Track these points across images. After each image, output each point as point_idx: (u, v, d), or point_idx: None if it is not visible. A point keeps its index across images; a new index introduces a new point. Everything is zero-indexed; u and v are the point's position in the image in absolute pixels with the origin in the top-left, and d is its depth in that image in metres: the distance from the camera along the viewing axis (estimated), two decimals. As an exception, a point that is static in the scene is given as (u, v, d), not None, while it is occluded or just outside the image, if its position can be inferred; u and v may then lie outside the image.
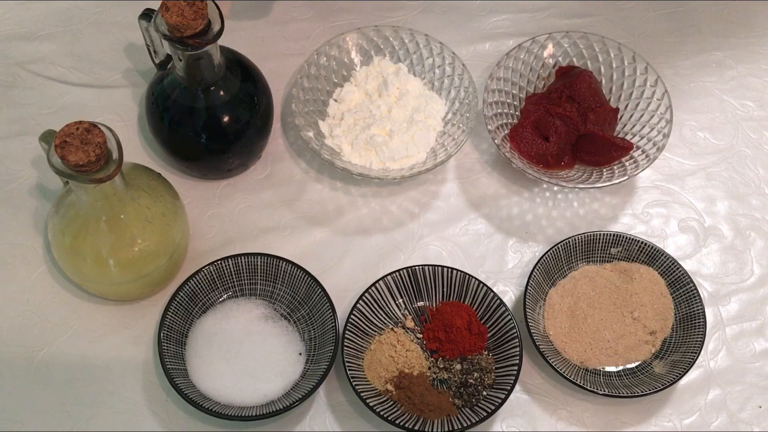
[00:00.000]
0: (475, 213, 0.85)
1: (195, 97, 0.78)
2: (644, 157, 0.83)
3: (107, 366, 0.75)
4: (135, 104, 0.88)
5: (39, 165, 0.84)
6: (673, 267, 0.80)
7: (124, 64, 0.90)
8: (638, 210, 0.86)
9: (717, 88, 0.93)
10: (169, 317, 0.74)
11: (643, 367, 0.77)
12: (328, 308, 0.75)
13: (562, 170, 0.84)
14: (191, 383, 0.73)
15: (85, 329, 0.77)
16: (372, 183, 0.85)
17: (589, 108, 0.84)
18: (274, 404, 0.72)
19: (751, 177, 0.88)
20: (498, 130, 0.84)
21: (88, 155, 0.63)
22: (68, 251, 0.72)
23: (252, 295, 0.78)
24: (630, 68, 0.87)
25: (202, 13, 0.70)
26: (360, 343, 0.76)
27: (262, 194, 0.84)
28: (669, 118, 0.84)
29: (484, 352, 0.76)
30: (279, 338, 0.76)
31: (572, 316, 0.78)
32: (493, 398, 0.73)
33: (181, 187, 0.80)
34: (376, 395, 0.73)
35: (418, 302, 0.79)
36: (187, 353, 0.75)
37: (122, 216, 0.71)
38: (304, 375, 0.74)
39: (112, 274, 0.73)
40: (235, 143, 0.81)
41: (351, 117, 0.85)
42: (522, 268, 0.82)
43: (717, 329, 0.80)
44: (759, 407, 0.77)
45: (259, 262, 0.77)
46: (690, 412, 0.76)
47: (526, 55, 0.88)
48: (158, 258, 0.74)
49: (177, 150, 0.82)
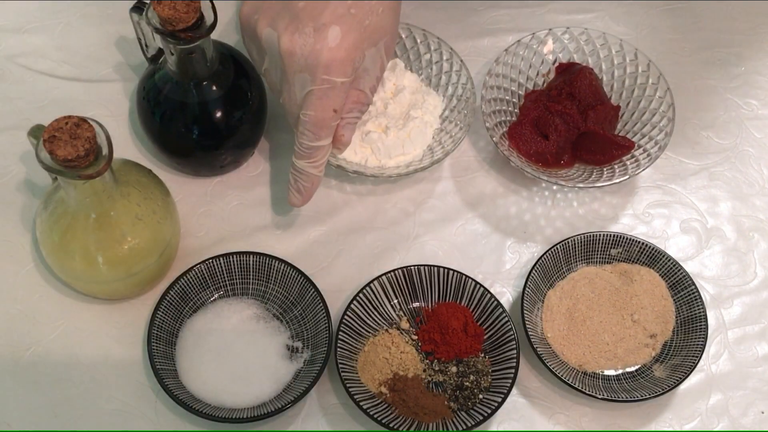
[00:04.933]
0: (472, 212, 0.84)
1: (187, 92, 0.77)
2: (646, 156, 0.82)
3: (95, 366, 0.75)
4: (126, 99, 0.87)
5: (27, 160, 0.83)
6: (675, 269, 0.79)
7: (115, 58, 0.89)
8: (639, 210, 0.85)
9: (721, 86, 0.93)
10: (159, 317, 0.74)
11: (643, 370, 0.76)
12: (322, 309, 0.74)
13: (561, 169, 0.84)
14: (181, 384, 0.72)
15: (73, 328, 0.76)
16: (367, 181, 0.85)
17: (590, 106, 0.84)
18: (266, 406, 0.71)
19: (755, 177, 0.88)
20: (496, 127, 0.84)
21: (77, 150, 0.63)
22: (56, 248, 0.72)
23: (244, 294, 0.77)
24: (632, 65, 0.87)
25: (195, 6, 0.69)
26: (354, 345, 0.75)
27: (254, 192, 0.84)
28: (671, 117, 0.84)
29: (480, 355, 0.76)
30: (271, 339, 0.75)
31: (571, 319, 0.78)
32: (489, 402, 0.73)
33: (172, 183, 0.79)
34: (369, 398, 0.73)
35: (414, 303, 0.78)
36: (177, 353, 0.74)
37: (112, 213, 0.70)
38: (297, 376, 0.74)
39: (101, 272, 0.72)
40: (228, 139, 0.80)
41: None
42: (520, 268, 0.81)
43: (719, 332, 0.79)
44: (761, 413, 0.76)
45: (251, 261, 0.77)
46: (691, 418, 0.75)
47: (526, 51, 0.87)
48: (148, 256, 0.73)
49: (168, 146, 0.81)
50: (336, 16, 0.69)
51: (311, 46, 0.69)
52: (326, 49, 0.69)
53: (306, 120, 0.72)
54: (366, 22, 0.70)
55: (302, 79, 0.71)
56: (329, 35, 0.69)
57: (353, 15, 0.69)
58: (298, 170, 0.75)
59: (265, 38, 0.71)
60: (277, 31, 0.70)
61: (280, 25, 0.70)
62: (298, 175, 0.75)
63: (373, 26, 0.70)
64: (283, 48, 0.70)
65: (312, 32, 0.69)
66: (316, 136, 0.73)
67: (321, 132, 0.73)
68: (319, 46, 0.69)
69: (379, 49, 0.72)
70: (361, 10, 0.69)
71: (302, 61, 0.70)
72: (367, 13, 0.70)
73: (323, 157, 0.75)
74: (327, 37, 0.69)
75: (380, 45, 0.72)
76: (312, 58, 0.69)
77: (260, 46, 0.73)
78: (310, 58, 0.69)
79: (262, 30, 0.71)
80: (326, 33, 0.69)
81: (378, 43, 0.71)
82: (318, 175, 0.75)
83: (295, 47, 0.69)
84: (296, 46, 0.69)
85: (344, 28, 0.69)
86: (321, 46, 0.69)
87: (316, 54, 0.69)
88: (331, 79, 0.70)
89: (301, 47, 0.69)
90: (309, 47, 0.69)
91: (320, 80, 0.70)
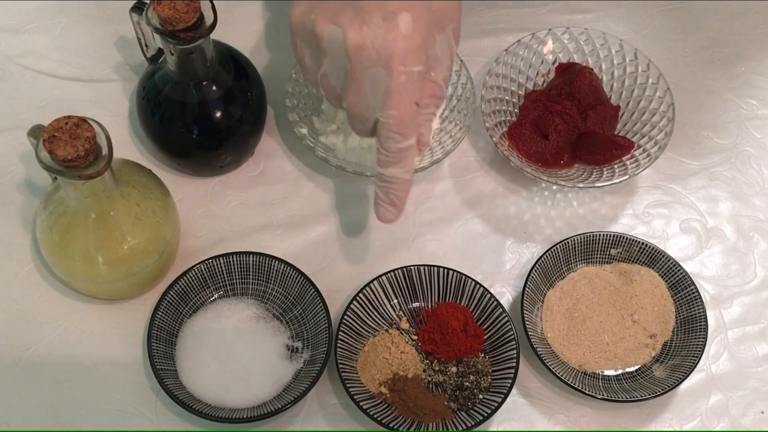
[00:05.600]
0: (472, 212, 0.84)
1: (187, 92, 0.77)
2: (645, 156, 0.82)
3: (95, 366, 0.74)
4: (125, 99, 0.87)
5: (27, 160, 0.83)
6: (675, 269, 0.79)
7: (115, 58, 0.89)
8: (639, 210, 0.85)
9: (721, 86, 0.92)
10: (158, 316, 0.74)
11: (642, 370, 0.76)
12: (322, 309, 0.74)
13: (561, 169, 0.83)
14: (181, 384, 0.72)
15: (73, 328, 0.76)
16: (367, 181, 0.84)
17: (590, 106, 0.83)
18: (265, 406, 0.71)
19: (755, 177, 0.87)
20: (496, 127, 0.83)
21: (77, 150, 0.63)
22: (56, 248, 0.72)
23: (244, 294, 0.77)
24: (632, 65, 0.86)
25: (195, 6, 0.69)
26: (354, 345, 0.75)
27: (254, 192, 0.83)
28: (671, 117, 0.83)
29: (480, 355, 0.76)
30: (271, 339, 0.75)
31: (571, 319, 0.78)
32: (489, 402, 0.72)
33: (172, 183, 0.79)
34: (369, 398, 0.73)
35: (413, 303, 0.78)
36: (176, 353, 0.74)
37: (112, 213, 0.70)
38: (296, 377, 0.73)
39: (101, 272, 0.72)
40: (228, 139, 0.80)
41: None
42: (520, 268, 0.81)
43: (719, 333, 0.79)
44: (761, 413, 0.76)
45: (251, 261, 0.77)
46: (691, 418, 0.75)
47: (526, 51, 0.87)
48: (148, 256, 0.73)
49: (168, 146, 0.81)
50: (403, 1, 0.64)
51: (383, 36, 0.63)
52: (400, 38, 0.63)
53: (389, 122, 0.66)
54: (433, 6, 0.65)
55: (375, 75, 0.65)
56: (401, 23, 0.63)
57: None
58: (388, 180, 0.68)
59: (328, 36, 0.66)
60: (341, 27, 0.64)
61: (343, 20, 0.64)
62: (389, 185, 0.69)
63: (440, 10, 0.66)
64: (352, 43, 0.64)
65: (381, 22, 0.63)
66: (404, 136, 0.67)
67: (408, 130, 0.66)
68: (391, 36, 0.63)
69: (448, 34, 0.67)
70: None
71: (374, 55, 0.64)
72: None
73: (413, 158, 0.68)
74: (398, 25, 0.63)
75: (448, 30, 0.67)
76: (385, 50, 0.63)
77: (319, 48, 0.67)
78: (383, 50, 0.63)
79: (323, 28, 0.65)
80: (396, 21, 0.63)
81: (446, 28, 0.67)
82: (410, 180, 0.69)
83: (366, 40, 0.64)
84: (366, 39, 0.63)
85: (414, 13, 0.64)
86: (394, 35, 0.63)
87: (389, 44, 0.63)
88: (409, 69, 0.64)
89: (372, 39, 0.63)
90: (381, 38, 0.63)
91: (397, 73, 0.64)
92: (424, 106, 0.68)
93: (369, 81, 0.66)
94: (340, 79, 0.68)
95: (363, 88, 0.66)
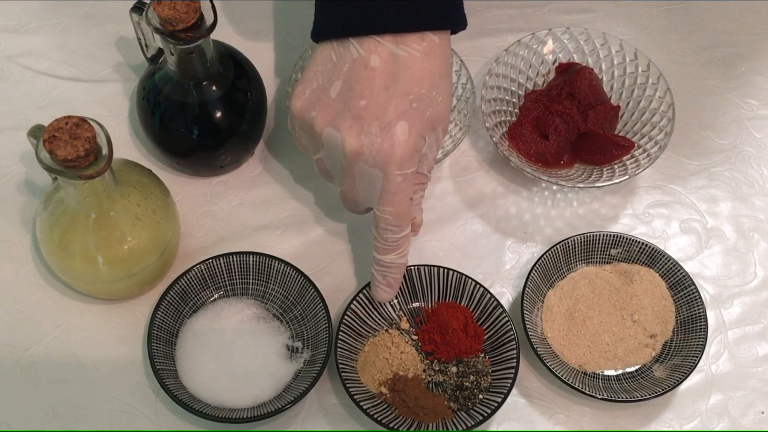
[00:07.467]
0: (472, 212, 0.84)
1: (187, 92, 0.77)
2: (645, 156, 0.82)
3: (95, 366, 0.74)
4: (125, 99, 0.87)
5: (27, 160, 0.82)
6: (675, 269, 0.79)
7: (115, 58, 0.89)
8: (639, 210, 0.85)
9: (721, 86, 0.92)
10: (158, 317, 0.73)
11: (642, 370, 0.76)
12: (322, 309, 0.74)
13: (561, 169, 0.83)
14: (181, 384, 0.72)
15: (73, 328, 0.76)
16: (367, 181, 0.84)
17: (590, 106, 0.83)
18: (265, 406, 0.71)
19: (755, 177, 0.87)
20: (496, 127, 0.83)
21: (77, 150, 0.63)
22: (56, 249, 0.72)
23: (244, 294, 0.77)
24: (632, 65, 0.86)
25: (195, 6, 0.69)
26: (354, 345, 0.75)
27: (254, 192, 0.83)
28: (671, 117, 0.83)
29: (480, 355, 0.75)
30: (271, 339, 0.75)
31: (571, 319, 0.78)
32: (489, 402, 0.72)
33: (172, 184, 0.79)
34: (369, 398, 0.72)
35: (414, 303, 0.78)
36: (177, 353, 0.74)
37: (112, 213, 0.70)
38: (297, 377, 0.73)
39: (101, 272, 0.72)
40: (228, 139, 0.80)
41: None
42: (520, 269, 0.81)
43: (719, 333, 0.79)
44: (761, 413, 0.76)
45: (251, 261, 0.77)
46: (691, 418, 0.75)
47: (526, 51, 0.87)
48: (148, 256, 0.73)
49: (168, 146, 0.81)
50: (400, 112, 0.67)
51: (379, 145, 0.67)
52: (397, 146, 0.67)
53: (386, 216, 0.70)
54: (427, 113, 0.68)
55: (371, 175, 0.69)
56: (398, 131, 0.67)
57: (415, 109, 0.68)
58: (385, 265, 0.72)
59: (326, 137, 0.69)
60: (340, 132, 0.68)
61: (342, 126, 0.68)
62: (387, 270, 0.73)
63: (433, 115, 0.69)
64: (350, 149, 0.68)
65: (378, 131, 0.67)
66: (401, 228, 0.71)
67: (404, 223, 0.71)
68: (388, 145, 0.67)
69: (437, 133, 0.71)
70: (422, 104, 0.68)
71: (371, 160, 0.68)
72: (428, 105, 0.68)
73: (408, 244, 0.73)
74: (396, 134, 0.67)
75: (438, 130, 0.70)
76: (382, 157, 0.67)
77: (316, 140, 0.71)
78: (380, 157, 0.67)
79: (321, 129, 0.69)
80: (393, 131, 0.67)
81: (437, 128, 0.70)
82: (406, 263, 0.73)
83: (363, 147, 0.67)
84: (363, 147, 0.67)
85: (410, 122, 0.68)
86: (391, 144, 0.67)
87: (386, 152, 0.67)
88: (404, 172, 0.68)
89: (369, 147, 0.67)
90: (377, 147, 0.67)
91: (393, 176, 0.68)
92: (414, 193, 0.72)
93: (365, 179, 0.69)
94: (336, 170, 0.72)
95: (357, 182, 0.70)
